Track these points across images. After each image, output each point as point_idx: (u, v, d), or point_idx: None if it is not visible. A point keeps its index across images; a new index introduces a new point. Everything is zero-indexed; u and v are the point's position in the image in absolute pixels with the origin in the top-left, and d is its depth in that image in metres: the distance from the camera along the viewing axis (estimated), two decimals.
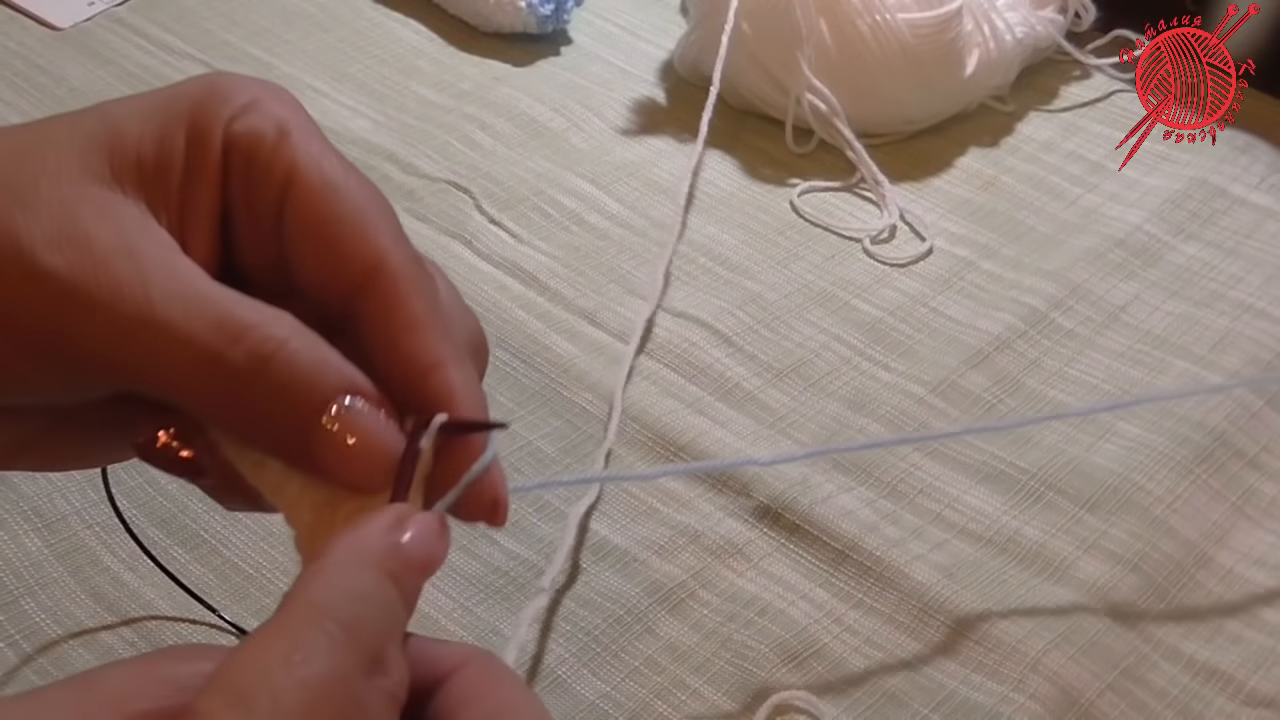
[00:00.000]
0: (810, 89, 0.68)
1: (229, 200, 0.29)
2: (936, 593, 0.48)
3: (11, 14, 0.77)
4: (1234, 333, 0.61)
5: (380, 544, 0.26)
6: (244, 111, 0.29)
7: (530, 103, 0.72)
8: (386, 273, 0.28)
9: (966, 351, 0.59)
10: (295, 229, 0.28)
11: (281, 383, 0.26)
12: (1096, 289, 0.63)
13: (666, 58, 0.77)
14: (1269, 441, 0.56)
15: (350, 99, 0.72)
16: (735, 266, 0.63)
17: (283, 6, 0.79)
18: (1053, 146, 0.73)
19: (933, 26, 0.68)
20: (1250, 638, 0.49)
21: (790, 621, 0.47)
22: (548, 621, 0.47)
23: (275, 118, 0.29)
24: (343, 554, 0.25)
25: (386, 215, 0.29)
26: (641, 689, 0.45)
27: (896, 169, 0.69)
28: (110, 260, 0.26)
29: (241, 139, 0.28)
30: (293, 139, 0.28)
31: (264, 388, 0.26)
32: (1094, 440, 0.55)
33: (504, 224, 0.64)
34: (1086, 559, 0.50)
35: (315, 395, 0.27)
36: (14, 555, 0.47)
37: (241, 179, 0.29)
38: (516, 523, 0.50)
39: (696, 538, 0.50)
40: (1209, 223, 0.68)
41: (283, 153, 0.28)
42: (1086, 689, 0.45)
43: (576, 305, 0.60)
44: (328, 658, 0.23)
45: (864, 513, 0.51)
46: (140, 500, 0.49)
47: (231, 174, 0.29)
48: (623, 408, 0.54)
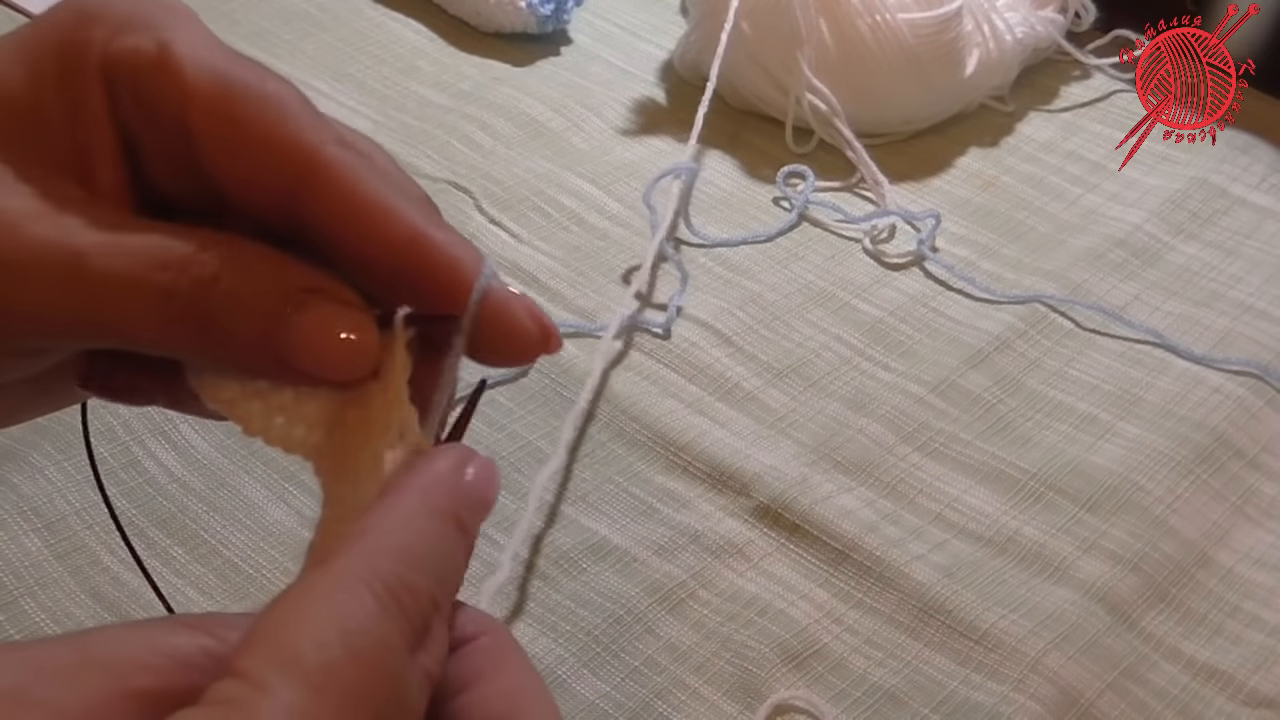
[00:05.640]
0: (810, 89, 0.68)
1: (127, 129, 0.27)
2: (936, 593, 0.48)
3: (12, 14, 0.77)
4: (1234, 333, 0.61)
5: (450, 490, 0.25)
6: (117, 32, 0.26)
7: (530, 103, 0.72)
8: (323, 167, 0.26)
9: (966, 351, 0.59)
10: (207, 145, 0.26)
11: (237, 297, 0.25)
12: (1096, 289, 0.63)
13: (666, 58, 0.77)
14: (1269, 441, 0.56)
15: (350, 99, 0.72)
16: (735, 266, 0.63)
17: (283, 6, 0.79)
18: (1053, 146, 0.73)
19: (933, 26, 0.68)
20: (1250, 638, 0.49)
21: (790, 621, 0.47)
22: (547, 621, 0.47)
23: (153, 31, 0.26)
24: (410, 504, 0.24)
25: (296, 102, 0.27)
26: (641, 689, 0.45)
27: (896, 169, 0.69)
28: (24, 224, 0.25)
29: (120, 61, 0.26)
30: (177, 49, 0.26)
31: (221, 307, 0.25)
32: (1094, 440, 0.55)
33: (504, 224, 0.64)
34: (1086, 559, 0.50)
35: (273, 299, 0.26)
36: (14, 555, 0.47)
37: (132, 105, 0.26)
38: (516, 523, 0.50)
39: (696, 538, 0.50)
40: (1209, 223, 0.68)
41: (169, 69, 0.26)
42: (1086, 689, 0.45)
43: (576, 305, 0.60)
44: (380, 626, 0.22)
45: (864, 513, 0.51)
46: (140, 500, 0.49)
47: (120, 102, 0.27)
48: (622, 407, 0.54)
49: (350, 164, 0.27)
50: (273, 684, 0.21)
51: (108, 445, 0.51)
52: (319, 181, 0.26)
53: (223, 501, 0.49)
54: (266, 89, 0.26)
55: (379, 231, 0.26)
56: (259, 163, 0.26)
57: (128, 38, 0.26)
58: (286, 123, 0.26)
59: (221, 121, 0.26)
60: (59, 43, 0.26)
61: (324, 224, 0.27)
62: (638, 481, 0.52)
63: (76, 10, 0.27)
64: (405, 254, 0.26)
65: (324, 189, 0.26)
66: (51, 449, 0.50)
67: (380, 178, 0.27)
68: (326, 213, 0.26)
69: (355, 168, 0.27)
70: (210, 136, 0.26)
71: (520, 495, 0.51)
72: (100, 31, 0.26)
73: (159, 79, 0.26)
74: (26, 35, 0.27)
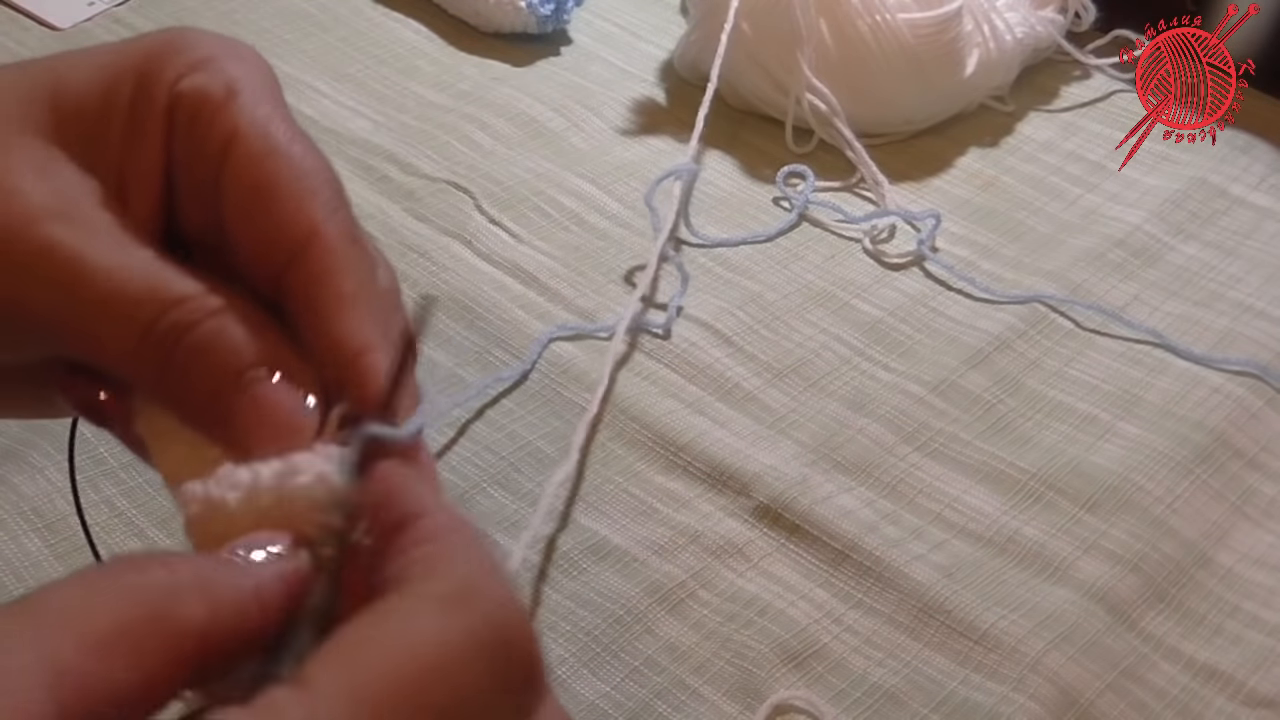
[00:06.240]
0: (810, 89, 0.68)
1: (173, 160, 0.28)
2: (936, 593, 0.48)
3: (12, 14, 0.77)
4: (1234, 333, 0.61)
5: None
6: (195, 68, 0.28)
7: (530, 103, 0.72)
8: (318, 244, 0.27)
9: (966, 351, 0.59)
10: (231, 194, 0.27)
11: (202, 351, 0.26)
12: (1096, 289, 0.63)
13: (666, 58, 0.77)
14: (1269, 441, 0.56)
15: (350, 99, 0.72)
16: (735, 266, 0.63)
17: (283, 6, 0.79)
18: (1053, 146, 0.73)
19: (933, 26, 0.68)
20: (1250, 638, 0.49)
21: (790, 621, 0.47)
22: (547, 621, 0.47)
23: (226, 76, 0.28)
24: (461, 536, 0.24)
25: (328, 187, 0.28)
26: (641, 689, 0.45)
27: (896, 169, 0.69)
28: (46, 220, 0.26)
29: (187, 97, 0.27)
30: (240, 100, 0.27)
31: (185, 356, 0.26)
32: (1094, 440, 0.55)
33: (504, 224, 0.64)
34: (1086, 559, 0.50)
35: (233, 365, 0.26)
36: (14, 555, 0.47)
37: (184, 139, 0.28)
38: (516, 523, 0.50)
39: (696, 538, 0.50)
40: (1209, 223, 0.68)
41: (226, 114, 0.27)
42: (1086, 689, 0.45)
43: (576, 305, 0.60)
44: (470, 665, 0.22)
45: (864, 513, 0.51)
46: (140, 500, 0.49)
47: (175, 133, 0.28)
48: (622, 407, 0.55)
49: (344, 255, 0.27)
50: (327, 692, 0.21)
51: (108, 445, 0.51)
52: (310, 256, 0.27)
53: None
54: (306, 164, 0.28)
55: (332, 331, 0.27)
56: (270, 223, 0.27)
57: (202, 76, 0.27)
58: (309, 196, 0.27)
59: (254, 176, 0.27)
60: (140, 69, 0.28)
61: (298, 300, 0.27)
62: (638, 482, 0.52)
63: (166, 42, 0.28)
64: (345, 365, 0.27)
65: (309, 266, 0.27)
66: (51, 449, 0.50)
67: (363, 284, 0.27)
68: (303, 289, 0.27)
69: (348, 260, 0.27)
70: (239, 185, 0.27)
71: (520, 495, 0.51)
72: (178, 65, 0.28)
73: (214, 120, 0.27)
74: (116, 50, 0.28)
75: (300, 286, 0.27)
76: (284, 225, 0.27)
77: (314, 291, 0.27)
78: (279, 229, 0.27)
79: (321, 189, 0.28)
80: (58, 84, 0.27)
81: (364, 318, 0.27)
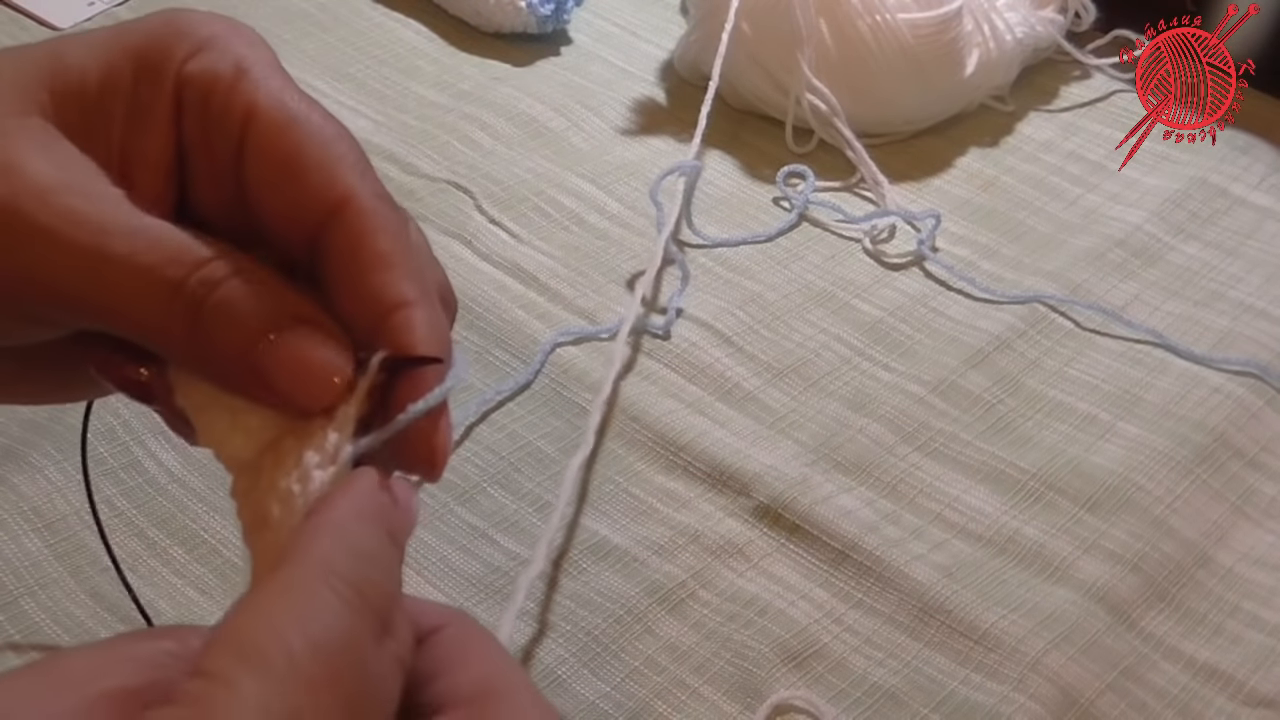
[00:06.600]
0: (810, 89, 0.68)
1: (185, 142, 0.28)
2: (936, 593, 0.48)
3: (12, 14, 0.77)
4: (1234, 333, 0.61)
5: (379, 503, 0.25)
6: (200, 49, 0.28)
7: (530, 103, 0.72)
8: (353, 207, 0.27)
9: (966, 351, 0.59)
10: (256, 167, 0.28)
11: (231, 306, 0.26)
12: (1096, 289, 0.63)
13: (666, 57, 0.77)
14: (1269, 441, 0.56)
15: (350, 99, 0.72)
16: (735, 266, 0.63)
17: (283, 6, 0.79)
18: (1053, 146, 0.73)
19: (933, 26, 0.68)
20: (1250, 638, 0.49)
21: (790, 621, 0.47)
22: (547, 621, 0.47)
23: (233, 55, 0.28)
24: (347, 510, 0.25)
25: (353, 150, 0.28)
26: (641, 689, 0.45)
27: (896, 169, 0.69)
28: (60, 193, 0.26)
29: (196, 78, 0.28)
30: (251, 76, 0.28)
31: (213, 313, 0.26)
32: (1094, 440, 0.55)
33: (504, 224, 0.64)
34: (1086, 559, 0.50)
35: (263, 319, 0.26)
36: (14, 555, 0.47)
37: (197, 120, 0.28)
38: (516, 523, 0.50)
39: (696, 538, 0.50)
40: (1209, 223, 0.68)
41: (240, 91, 0.27)
42: (1086, 689, 0.45)
43: (576, 305, 0.60)
44: (341, 619, 0.23)
45: (864, 513, 0.51)
46: (140, 500, 0.49)
47: (186, 115, 0.28)
48: (622, 407, 0.55)
49: (379, 216, 0.28)
50: (238, 679, 0.21)
51: (108, 445, 0.51)
52: (344, 220, 0.27)
53: (223, 501, 0.49)
54: (328, 131, 0.28)
55: (371, 288, 0.27)
56: (301, 191, 0.27)
57: (208, 56, 0.28)
58: (337, 162, 0.28)
59: (280, 146, 0.27)
60: (140, 50, 0.28)
61: (334, 262, 0.28)
62: (638, 482, 0.52)
63: (166, 23, 0.28)
64: (383, 321, 0.27)
65: (345, 229, 0.27)
66: (51, 449, 0.50)
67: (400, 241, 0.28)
68: (340, 252, 0.27)
69: (383, 220, 0.28)
70: (265, 159, 0.27)
71: (520, 495, 0.51)
72: (183, 47, 0.28)
73: (229, 98, 0.27)
74: (115, 32, 0.28)
75: (336, 250, 0.27)
76: (315, 192, 0.27)
77: (351, 253, 0.27)
78: (310, 196, 0.27)
79: (347, 153, 0.28)
80: (56, 66, 0.27)
81: (402, 274, 0.27)
